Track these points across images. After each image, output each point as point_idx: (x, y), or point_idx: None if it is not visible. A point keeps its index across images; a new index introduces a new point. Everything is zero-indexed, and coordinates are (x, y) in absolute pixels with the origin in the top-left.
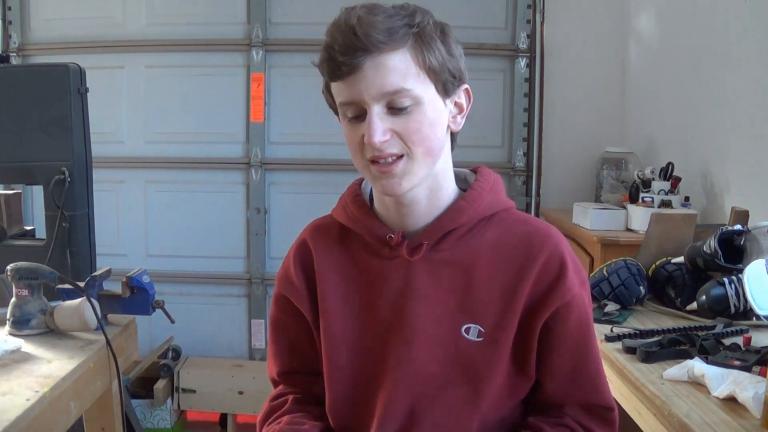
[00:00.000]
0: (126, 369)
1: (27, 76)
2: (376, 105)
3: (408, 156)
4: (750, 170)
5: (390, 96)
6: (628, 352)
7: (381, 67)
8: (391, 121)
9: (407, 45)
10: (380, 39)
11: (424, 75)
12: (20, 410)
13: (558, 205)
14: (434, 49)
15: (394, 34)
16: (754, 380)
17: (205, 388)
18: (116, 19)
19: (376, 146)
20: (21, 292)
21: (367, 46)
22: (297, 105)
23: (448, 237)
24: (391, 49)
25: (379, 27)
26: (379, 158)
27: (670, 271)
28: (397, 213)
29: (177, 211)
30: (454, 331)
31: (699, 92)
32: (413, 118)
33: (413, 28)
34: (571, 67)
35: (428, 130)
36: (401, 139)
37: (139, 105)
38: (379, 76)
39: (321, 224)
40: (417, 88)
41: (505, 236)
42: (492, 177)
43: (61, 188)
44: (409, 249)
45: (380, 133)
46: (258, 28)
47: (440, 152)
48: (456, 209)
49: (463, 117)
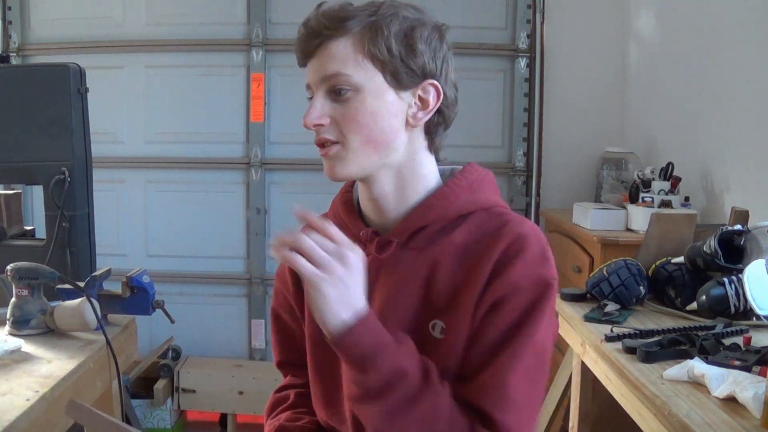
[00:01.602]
0: (126, 369)
1: (27, 76)
2: (319, 89)
3: (342, 144)
4: (750, 170)
5: (328, 80)
6: (628, 352)
7: (325, 51)
8: (332, 108)
9: (351, 32)
10: (326, 25)
11: (368, 63)
12: (20, 410)
13: (558, 205)
14: (384, 38)
15: (342, 21)
16: (754, 380)
17: (205, 388)
18: (116, 19)
19: (309, 127)
20: (21, 292)
21: (317, 32)
22: (297, 105)
23: (419, 234)
24: (337, 36)
25: (331, 15)
26: (317, 143)
27: (670, 271)
28: (371, 208)
29: (177, 211)
30: (422, 327)
31: (699, 92)
32: (350, 106)
33: (372, 17)
34: (571, 67)
35: (367, 119)
36: (338, 126)
37: (139, 105)
38: (323, 60)
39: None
40: (357, 75)
41: (475, 233)
42: (475, 174)
43: (61, 188)
44: (377, 246)
45: (314, 116)
46: (258, 28)
47: (388, 144)
48: (425, 206)
49: (428, 114)
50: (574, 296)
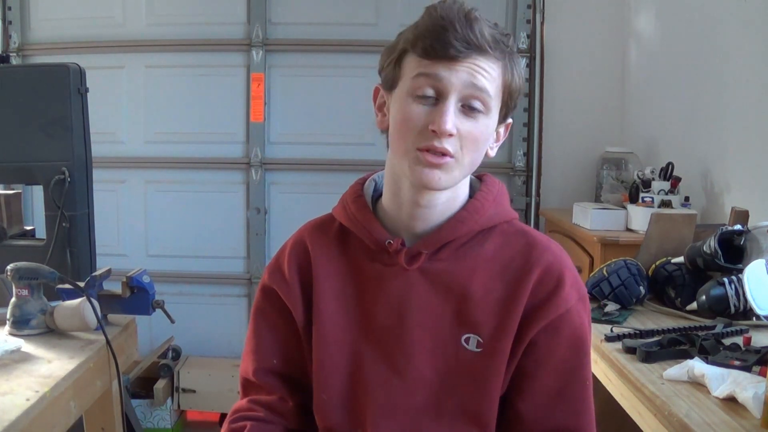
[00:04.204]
0: (126, 369)
1: (27, 76)
2: (455, 96)
3: (457, 159)
4: (750, 170)
5: (475, 90)
6: (628, 352)
7: (479, 65)
8: (460, 120)
9: (503, 61)
10: (489, 42)
11: (501, 95)
12: (20, 410)
13: (558, 205)
14: (518, 75)
15: (497, 44)
16: (754, 380)
17: (205, 388)
18: (116, 19)
19: (445, 134)
20: (21, 292)
21: (479, 43)
22: (297, 105)
23: (447, 247)
24: (493, 58)
25: (489, 32)
26: (434, 150)
27: (670, 271)
28: (409, 214)
29: (177, 211)
30: (454, 340)
31: (699, 92)
32: (479, 125)
33: (508, 48)
34: (571, 67)
35: (482, 144)
36: (460, 141)
37: (139, 105)
38: (475, 71)
39: (320, 223)
40: (493, 101)
41: (504, 248)
42: (496, 186)
43: (61, 188)
44: (407, 257)
45: (452, 125)
46: (258, 28)
47: (475, 167)
48: (457, 219)
49: (499, 145)
50: None
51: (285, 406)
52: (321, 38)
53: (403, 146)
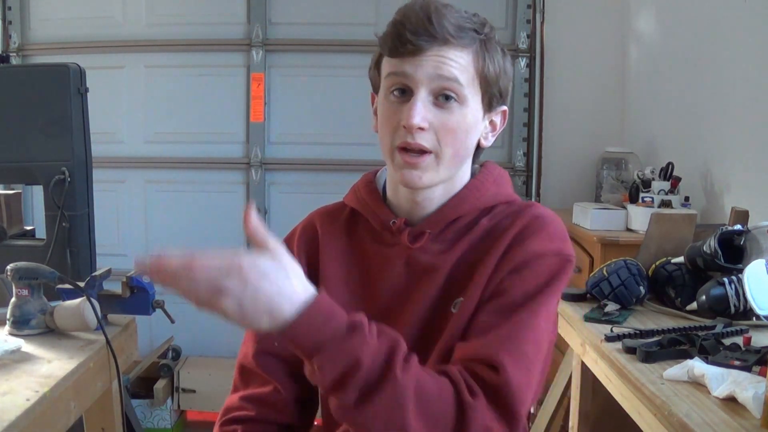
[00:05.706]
0: (126, 369)
1: (27, 76)
2: (423, 89)
3: (436, 155)
4: (750, 170)
5: (442, 80)
6: (628, 352)
7: (444, 56)
8: (433, 113)
9: (472, 48)
10: (451, 32)
11: (477, 82)
12: (20, 410)
13: (558, 205)
14: (494, 60)
15: (463, 33)
16: (754, 380)
17: (205, 388)
18: (116, 19)
19: (413, 128)
20: (21, 292)
21: (438, 35)
22: (297, 105)
23: (450, 227)
24: (459, 47)
25: (452, 22)
26: (409, 147)
27: (670, 271)
28: (409, 206)
29: (177, 211)
30: (446, 308)
31: (699, 92)
32: (453, 115)
33: (480, 35)
34: (571, 67)
35: (462, 135)
36: (436, 135)
37: (139, 105)
38: (439, 61)
39: (330, 210)
40: (468, 89)
41: (499, 220)
42: (497, 170)
43: (61, 188)
44: (410, 237)
45: (420, 117)
46: (258, 28)
47: (465, 159)
48: (458, 198)
49: (495, 136)
50: (574, 296)
51: (279, 399)
52: (321, 38)
53: (386, 146)
